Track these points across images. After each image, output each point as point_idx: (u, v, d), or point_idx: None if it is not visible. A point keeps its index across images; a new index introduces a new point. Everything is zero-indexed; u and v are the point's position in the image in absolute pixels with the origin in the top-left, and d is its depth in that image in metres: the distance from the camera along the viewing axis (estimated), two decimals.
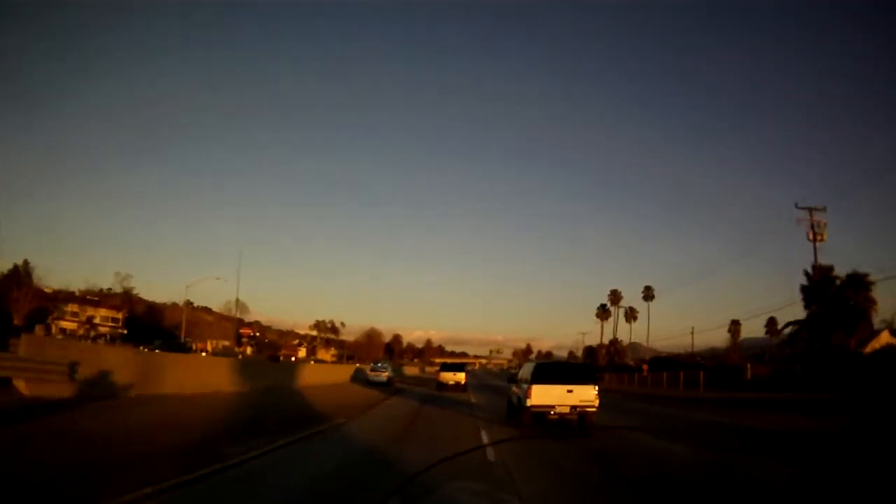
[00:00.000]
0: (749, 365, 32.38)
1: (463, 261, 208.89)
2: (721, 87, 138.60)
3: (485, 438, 11.17)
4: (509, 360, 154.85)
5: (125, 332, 71.36)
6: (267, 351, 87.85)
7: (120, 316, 73.20)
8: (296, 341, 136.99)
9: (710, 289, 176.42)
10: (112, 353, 18.50)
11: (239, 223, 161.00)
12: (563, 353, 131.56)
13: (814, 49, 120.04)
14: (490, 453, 8.92)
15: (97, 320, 77.23)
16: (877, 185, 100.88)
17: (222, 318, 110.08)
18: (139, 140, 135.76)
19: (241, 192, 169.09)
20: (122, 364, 14.77)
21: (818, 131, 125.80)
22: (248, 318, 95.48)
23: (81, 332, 67.91)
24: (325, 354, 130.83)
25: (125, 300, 70.41)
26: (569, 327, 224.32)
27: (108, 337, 74.30)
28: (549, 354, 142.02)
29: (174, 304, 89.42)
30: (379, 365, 39.47)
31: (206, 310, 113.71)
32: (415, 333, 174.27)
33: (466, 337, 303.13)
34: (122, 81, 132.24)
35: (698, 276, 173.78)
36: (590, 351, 71.50)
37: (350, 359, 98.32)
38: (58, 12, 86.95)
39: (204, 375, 18.06)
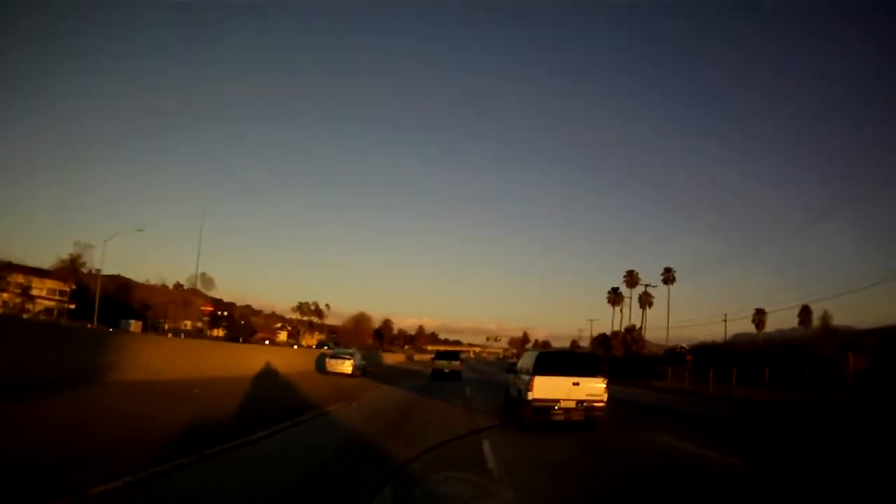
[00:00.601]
0: (851, 356, 24.11)
1: (457, 248, 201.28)
2: (752, 68, 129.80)
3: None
4: (505, 349, 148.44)
5: (73, 306, 62.53)
6: (240, 333, 79.10)
7: (68, 289, 64.11)
8: (278, 325, 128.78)
9: (715, 279, 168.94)
10: None
11: (226, 204, 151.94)
12: (559, 343, 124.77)
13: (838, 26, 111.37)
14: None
15: (43, 293, 68.49)
16: None
17: (203, 299, 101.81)
18: (128, 125, 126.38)
19: (227, 174, 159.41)
20: None
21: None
22: (214, 295, 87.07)
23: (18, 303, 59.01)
24: (311, 339, 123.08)
25: (70, 271, 61.18)
26: (565, 317, 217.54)
27: (56, 312, 65.87)
28: (546, 344, 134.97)
29: (163, 285, 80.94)
30: (341, 351, 30.70)
31: (194, 291, 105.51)
32: (408, 321, 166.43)
33: (460, 325, 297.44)
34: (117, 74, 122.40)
35: (702, 266, 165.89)
36: (603, 339, 63.29)
37: (337, 345, 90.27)
38: None
39: None
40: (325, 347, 52.46)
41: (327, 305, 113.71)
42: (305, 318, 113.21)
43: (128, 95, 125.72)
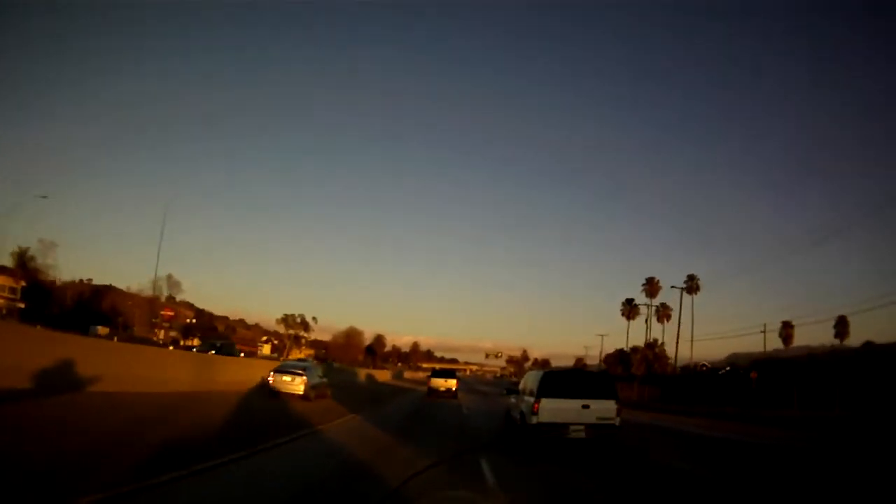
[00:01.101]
0: None
1: (455, 265, 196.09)
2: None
3: None
4: (503, 368, 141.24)
5: (23, 305, 55.74)
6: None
7: (17, 286, 57.38)
8: (264, 338, 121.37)
9: (721, 295, 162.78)
10: None
11: (221, 218, 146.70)
12: (559, 362, 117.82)
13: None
14: None
15: None
16: None
17: (185, 306, 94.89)
18: (124, 134, 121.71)
19: (218, 183, 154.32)
20: None
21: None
22: (181, 298, 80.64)
23: None
24: (299, 354, 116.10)
25: (19, 267, 54.59)
26: (563, 336, 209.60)
27: (5, 310, 58.87)
28: (546, 363, 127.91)
29: (154, 295, 73.68)
30: (291, 364, 22.61)
31: (188, 305, 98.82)
32: (403, 338, 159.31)
33: (457, 343, 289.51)
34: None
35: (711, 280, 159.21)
36: (620, 356, 56.48)
37: (324, 361, 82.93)
38: None
39: None
40: (290, 363, 44.05)
41: (314, 319, 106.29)
42: (291, 332, 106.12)
43: (126, 99, 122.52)
